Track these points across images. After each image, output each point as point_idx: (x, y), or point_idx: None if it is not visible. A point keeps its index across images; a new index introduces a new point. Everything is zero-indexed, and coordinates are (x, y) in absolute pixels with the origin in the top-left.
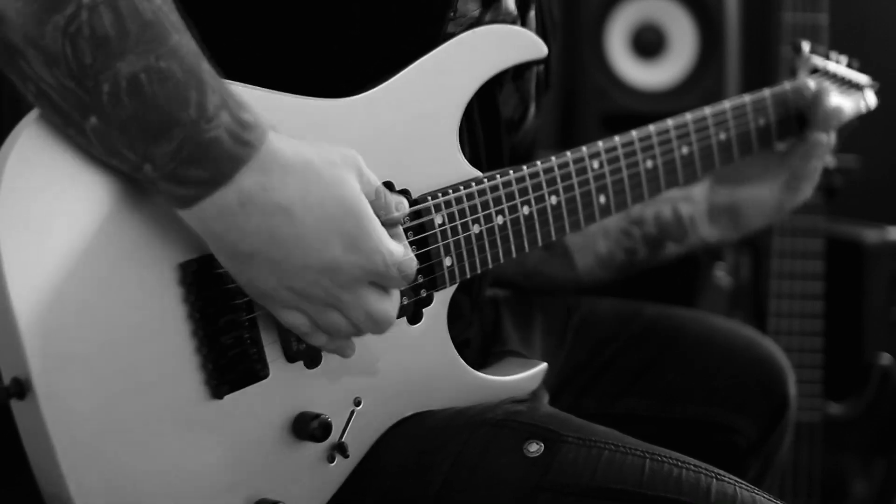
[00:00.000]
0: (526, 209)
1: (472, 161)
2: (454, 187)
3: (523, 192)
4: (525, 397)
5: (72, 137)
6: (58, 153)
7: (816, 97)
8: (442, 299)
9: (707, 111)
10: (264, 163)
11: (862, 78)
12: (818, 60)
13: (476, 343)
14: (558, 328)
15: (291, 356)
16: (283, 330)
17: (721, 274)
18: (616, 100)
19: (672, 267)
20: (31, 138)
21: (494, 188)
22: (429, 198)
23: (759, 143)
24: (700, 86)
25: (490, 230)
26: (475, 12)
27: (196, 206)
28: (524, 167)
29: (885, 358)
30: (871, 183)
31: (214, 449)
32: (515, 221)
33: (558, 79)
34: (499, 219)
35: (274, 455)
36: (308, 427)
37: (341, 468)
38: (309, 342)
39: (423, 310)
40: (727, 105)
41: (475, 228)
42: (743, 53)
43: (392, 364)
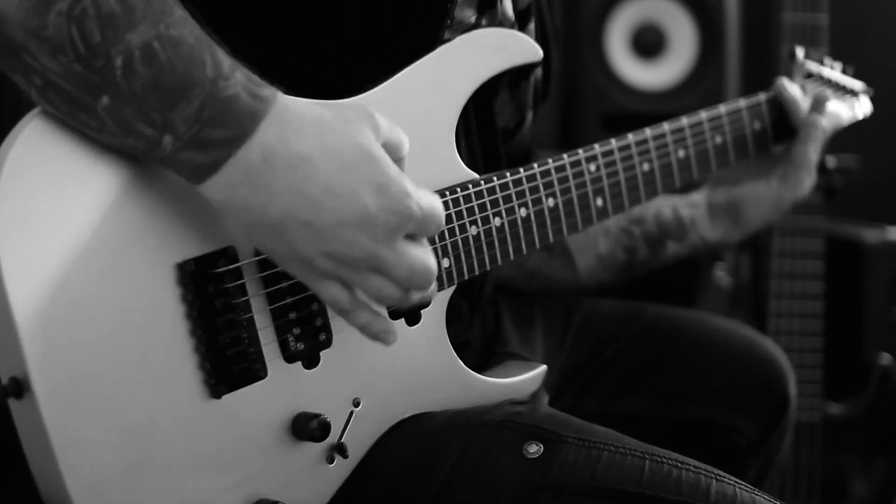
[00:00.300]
0: (523, 211)
1: (470, 164)
2: (451, 189)
3: (520, 195)
4: (525, 398)
5: (83, 124)
6: (56, 153)
7: (789, 107)
8: (440, 301)
9: (703, 115)
10: (280, 116)
11: (857, 84)
12: (813, 66)
13: (476, 344)
14: (558, 328)
15: (290, 356)
16: (282, 330)
17: (721, 274)
18: (616, 100)
19: (672, 267)
20: (30, 139)
21: (492, 190)
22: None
23: (756, 147)
24: (700, 86)
25: (488, 231)
26: (471, 18)
27: (220, 172)
28: (521, 169)
29: (885, 358)
30: (871, 183)
31: (213, 448)
32: (513, 223)
33: (558, 79)
34: (496, 220)
35: (273, 455)
36: (307, 427)
37: (341, 469)
38: (351, 321)
39: (422, 311)
40: (723, 109)
41: (473, 230)
42: (743, 53)
43: (391, 365)
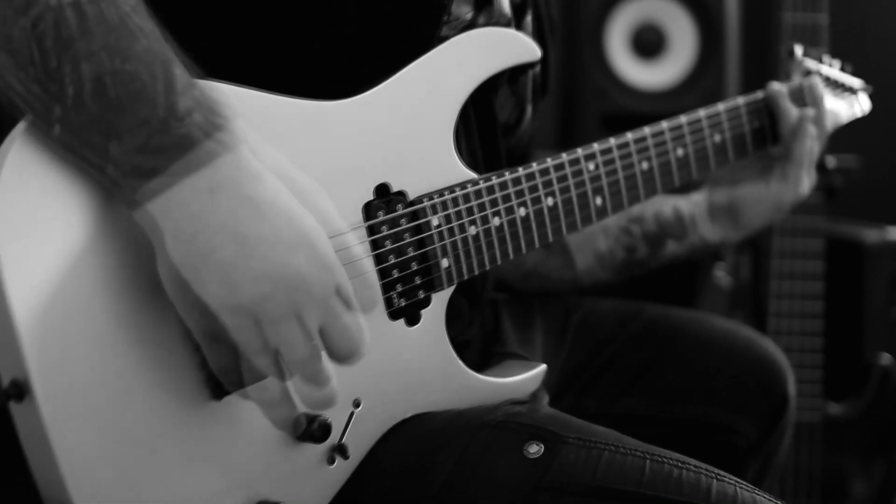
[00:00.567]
0: (523, 210)
1: (470, 165)
2: (451, 189)
3: (519, 194)
4: (525, 398)
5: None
6: (54, 158)
7: (777, 110)
8: (440, 300)
9: (702, 113)
10: (238, 160)
11: (855, 81)
12: (811, 64)
13: (476, 344)
14: (558, 329)
15: None
16: None
17: (721, 274)
18: (616, 100)
19: (672, 267)
20: (28, 142)
21: (491, 189)
22: (425, 199)
23: (755, 146)
24: (700, 86)
25: (487, 231)
26: (468, 15)
27: (162, 196)
28: (520, 169)
29: (885, 358)
30: (871, 183)
31: (214, 450)
32: (512, 223)
33: (558, 79)
34: (496, 220)
35: (274, 456)
36: (308, 428)
37: (341, 469)
38: (254, 375)
39: (421, 311)
40: (721, 107)
41: (472, 230)
42: (743, 53)
43: (391, 365)
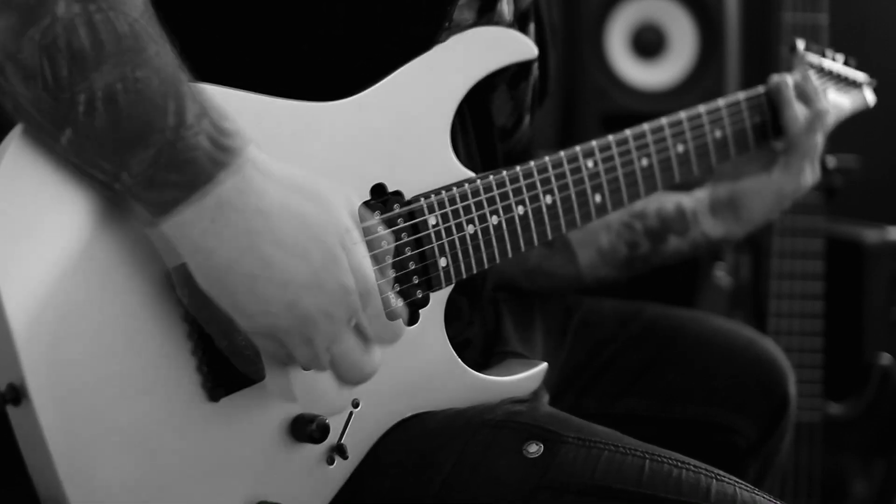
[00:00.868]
0: (521, 209)
1: (467, 164)
2: (447, 188)
3: (517, 192)
4: (525, 398)
5: (50, 148)
6: (48, 162)
7: (781, 101)
8: (438, 300)
9: (702, 109)
10: (243, 168)
11: (859, 75)
12: (814, 58)
13: (477, 343)
14: (558, 329)
15: None
16: None
17: (721, 274)
18: (616, 100)
19: (672, 267)
20: (21, 148)
21: (488, 188)
22: (422, 199)
23: (756, 141)
24: (700, 86)
25: (485, 230)
26: (469, 21)
27: (174, 213)
28: (518, 167)
29: (885, 358)
30: (871, 183)
31: (212, 452)
32: (510, 221)
33: (558, 79)
34: (493, 219)
35: (273, 457)
36: (306, 429)
37: (341, 470)
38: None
39: (420, 310)
40: (721, 103)
41: (470, 228)
42: (743, 53)
43: (390, 365)
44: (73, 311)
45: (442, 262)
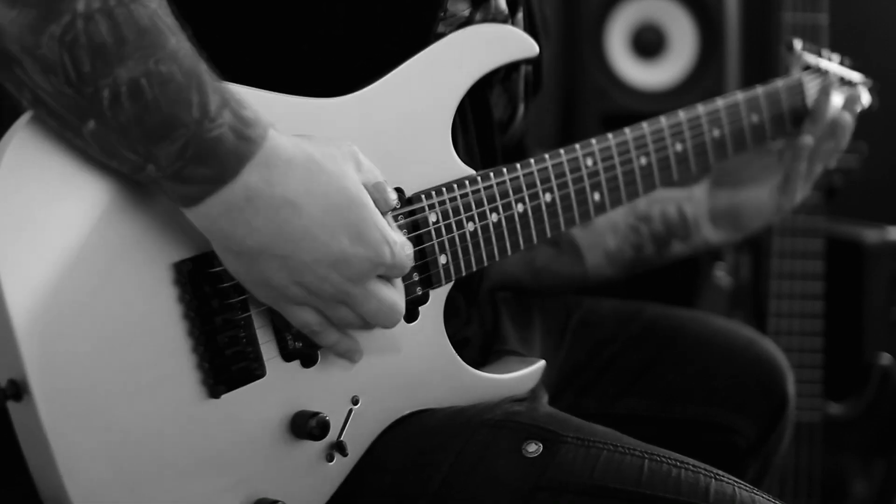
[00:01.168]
0: (520, 207)
1: (467, 160)
2: (448, 185)
3: (517, 190)
4: (524, 396)
5: (69, 140)
6: (51, 156)
7: (821, 94)
8: (438, 297)
9: (700, 109)
10: (268, 158)
11: (855, 75)
12: (811, 58)
13: (476, 341)
14: (557, 328)
15: (287, 355)
16: (279, 328)
17: (721, 274)
18: (616, 100)
19: (672, 267)
20: (24, 141)
21: (488, 186)
22: (422, 196)
23: (754, 140)
24: (700, 86)
25: (485, 227)
26: (465, 12)
27: (202, 204)
28: (518, 165)
29: (885, 358)
30: (871, 183)
31: (212, 448)
32: (510, 219)
33: (558, 79)
34: (493, 216)
35: (272, 454)
36: (306, 425)
37: (340, 467)
38: (319, 341)
39: (419, 308)
40: (720, 103)
41: (469, 226)
42: (743, 53)
43: (389, 362)
44: (75, 308)
45: (442, 260)
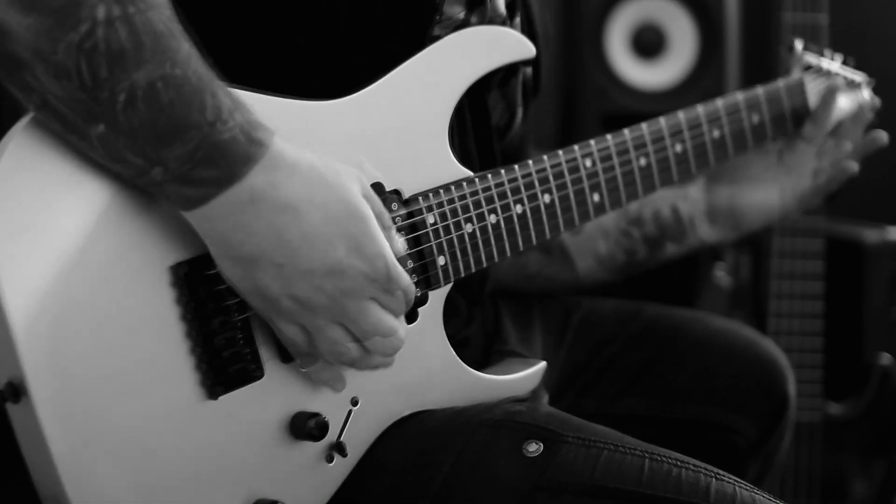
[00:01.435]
0: (519, 208)
1: (465, 162)
2: (445, 187)
3: (516, 191)
4: (524, 397)
5: (72, 143)
6: (50, 158)
7: (827, 96)
8: (437, 298)
9: (700, 109)
10: (274, 161)
11: (857, 75)
12: (812, 58)
13: (477, 342)
14: (558, 328)
15: (286, 356)
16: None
17: (721, 274)
18: (616, 100)
19: (672, 267)
20: (23, 143)
21: (486, 187)
22: (420, 198)
23: (754, 141)
24: (700, 86)
25: (483, 229)
26: (460, 15)
27: (205, 206)
28: (516, 166)
29: (885, 358)
30: (871, 183)
31: (211, 449)
32: (509, 220)
33: (558, 79)
34: (492, 217)
35: (272, 455)
36: (305, 426)
37: (340, 468)
38: (303, 365)
39: (419, 309)
40: (720, 103)
41: (468, 227)
42: (743, 53)
43: None
44: (73, 309)
45: (440, 261)
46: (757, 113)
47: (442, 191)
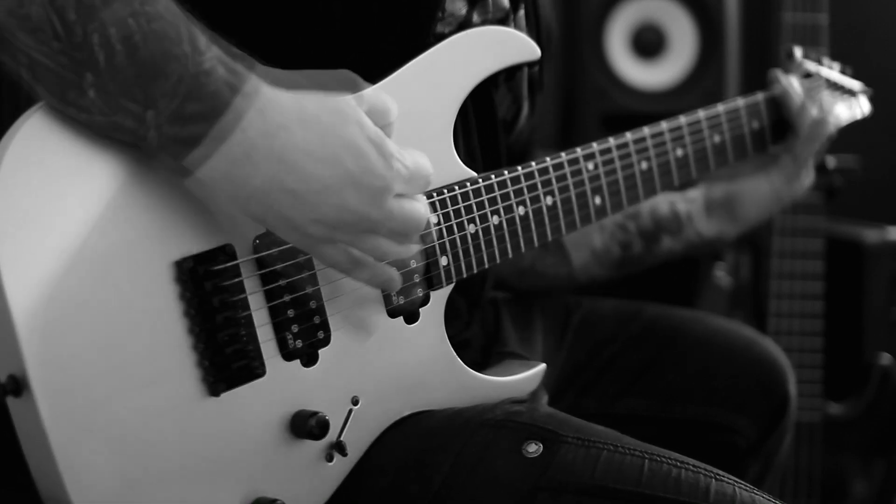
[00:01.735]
0: (521, 209)
1: (469, 162)
2: (449, 187)
3: (518, 193)
4: (524, 398)
5: (73, 104)
6: (53, 153)
7: (802, 107)
8: (439, 299)
9: (701, 114)
10: (257, 89)
11: (855, 84)
12: (810, 65)
13: (477, 343)
14: (558, 328)
15: (288, 354)
16: (280, 327)
17: (721, 274)
18: (616, 100)
19: (672, 267)
20: (27, 138)
21: (490, 188)
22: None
23: (754, 147)
24: (700, 86)
25: (486, 230)
26: (462, 11)
27: (201, 147)
28: (519, 168)
29: (885, 358)
30: (871, 183)
31: (212, 446)
32: (511, 221)
33: (558, 79)
34: (494, 218)
35: (272, 453)
36: (306, 425)
37: (340, 467)
38: (355, 278)
39: (420, 309)
40: (721, 108)
41: (471, 228)
42: (743, 53)
43: (389, 363)
44: (76, 304)
45: (443, 261)
46: (757, 119)
47: (445, 191)
